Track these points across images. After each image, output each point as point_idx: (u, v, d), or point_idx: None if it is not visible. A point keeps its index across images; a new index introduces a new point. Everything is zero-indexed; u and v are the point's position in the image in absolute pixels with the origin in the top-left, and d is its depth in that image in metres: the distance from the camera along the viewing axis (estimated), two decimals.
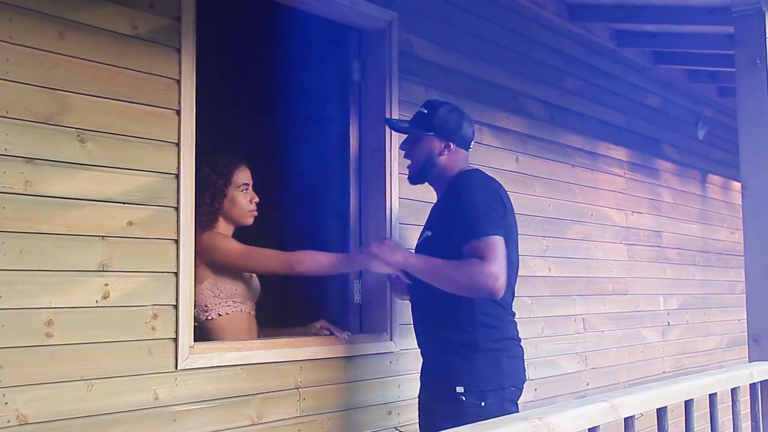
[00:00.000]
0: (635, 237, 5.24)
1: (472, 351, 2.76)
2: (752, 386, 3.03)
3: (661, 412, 2.38)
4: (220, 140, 3.76)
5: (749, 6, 3.35)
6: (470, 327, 2.77)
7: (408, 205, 3.47)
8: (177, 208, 2.60)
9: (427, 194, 3.08)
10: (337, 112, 3.77)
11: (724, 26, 3.96)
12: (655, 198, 5.54)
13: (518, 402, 2.86)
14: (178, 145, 2.61)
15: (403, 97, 3.49)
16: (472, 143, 3.02)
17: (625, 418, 2.18)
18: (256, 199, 3.04)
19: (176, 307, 2.58)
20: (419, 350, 2.97)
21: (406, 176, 3.06)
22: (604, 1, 4.46)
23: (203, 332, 2.86)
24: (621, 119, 5.20)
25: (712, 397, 2.71)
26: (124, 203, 2.47)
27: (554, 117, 4.54)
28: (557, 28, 4.59)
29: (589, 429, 1.98)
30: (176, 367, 2.56)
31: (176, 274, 2.58)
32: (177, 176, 2.61)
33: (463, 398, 2.72)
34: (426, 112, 2.96)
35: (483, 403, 2.71)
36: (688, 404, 2.52)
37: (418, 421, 2.99)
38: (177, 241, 2.59)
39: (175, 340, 2.57)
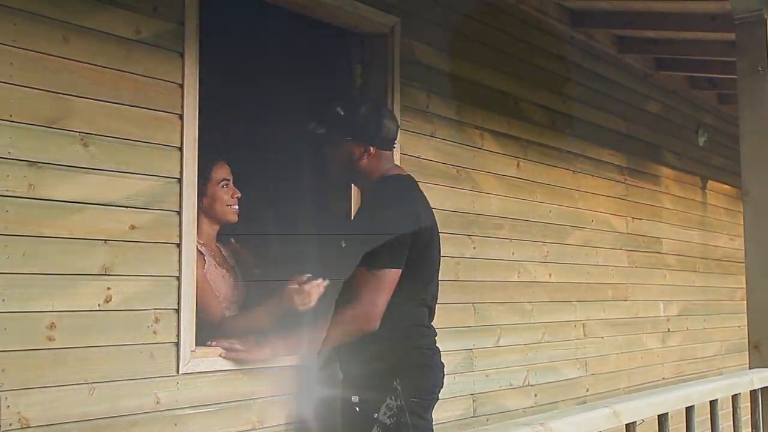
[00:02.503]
0: (635, 243, 5.24)
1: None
2: (753, 393, 3.04)
3: (662, 419, 2.38)
4: (223, 145, 3.76)
5: (751, 13, 3.36)
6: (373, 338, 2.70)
7: None
8: (179, 213, 2.61)
9: (429, 196, 3.07)
10: None
11: (725, 33, 3.97)
12: (656, 204, 5.54)
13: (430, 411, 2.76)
14: (180, 149, 2.62)
15: (405, 102, 3.49)
16: (397, 141, 2.85)
17: (626, 424, 2.18)
18: (238, 194, 3.02)
19: (178, 311, 2.58)
20: None
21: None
22: (606, 8, 4.47)
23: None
24: (622, 125, 5.20)
25: (713, 403, 2.71)
26: (126, 207, 2.47)
27: (555, 123, 4.55)
28: (559, 34, 4.60)
29: None
30: (178, 371, 2.56)
31: (178, 278, 2.59)
32: (180, 180, 2.61)
33: (357, 408, 2.70)
34: (342, 113, 2.76)
35: (376, 415, 2.66)
36: (689, 410, 2.52)
37: None
38: (179, 245, 2.60)
39: (177, 344, 2.57)
